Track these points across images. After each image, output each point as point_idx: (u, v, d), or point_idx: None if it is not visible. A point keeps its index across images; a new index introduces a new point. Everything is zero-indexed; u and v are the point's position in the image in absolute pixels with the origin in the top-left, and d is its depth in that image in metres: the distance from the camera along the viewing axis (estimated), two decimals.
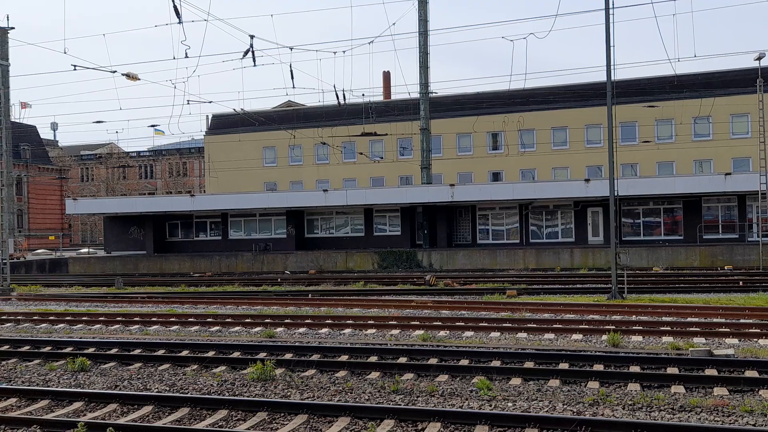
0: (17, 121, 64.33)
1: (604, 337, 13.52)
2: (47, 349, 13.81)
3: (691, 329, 14.28)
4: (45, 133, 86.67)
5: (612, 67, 21.42)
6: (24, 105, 56.43)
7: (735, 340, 13.15)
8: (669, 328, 14.46)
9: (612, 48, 21.32)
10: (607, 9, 21.29)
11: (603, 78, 23.04)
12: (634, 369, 10.69)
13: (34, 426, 8.40)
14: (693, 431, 7.45)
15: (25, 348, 13.90)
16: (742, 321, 15.46)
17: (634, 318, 16.30)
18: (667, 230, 39.34)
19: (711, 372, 10.41)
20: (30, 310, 21.06)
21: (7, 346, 14.07)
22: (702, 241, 37.10)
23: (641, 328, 14.68)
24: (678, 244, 37.14)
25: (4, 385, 10.62)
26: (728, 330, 14.06)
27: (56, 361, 12.56)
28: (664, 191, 37.61)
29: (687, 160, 46.83)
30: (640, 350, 12.30)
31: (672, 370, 10.53)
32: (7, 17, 29.11)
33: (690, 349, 11.93)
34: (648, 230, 39.59)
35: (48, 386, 10.78)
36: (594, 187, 36.83)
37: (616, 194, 21.66)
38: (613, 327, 14.42)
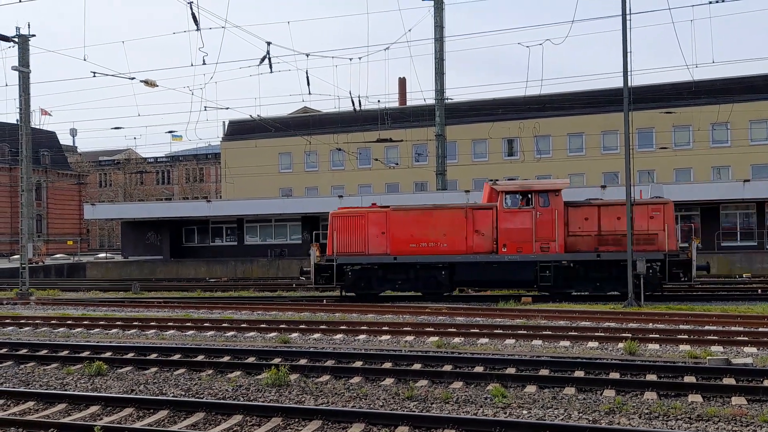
0: (37, 127, 65.14)
1: (621, 344, 13.42)
2: (65, 353, 13.94)
3: (708, 338, 14.14)
4: (64, 139, 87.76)
5: (629, 72, 21.33)
6: (44, 112, 57.08)
7: (753, 349, 13.00)
8: (686, 337, 14.32)
9: (629, 54, 21.23)
10: (624, 15, 21.21)
11: (619, 84, 22.94)
12: (651, 377, 10.59)
13: (52, 429, 8.48)
14: None
15: (43, 352, 14.04)
16: (760, 330, 15.28)
17: (650, 326, 16.17)
18: (684, 238, 38.99)
19: (729, 381, 10.29)
20: (48, 314, 21.27)
21: (26, 350, 14.23)
22: (720, 249, 36.73)
23: (658, 336, 14.55)
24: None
25: (22, 389, 10.74)
26: (746, 339, 13.90)
27: (73, 365, 12.67)
28: (682, 198, 37.32)
29: (705, 166, 46.46)
30: (657, 358, 12.19)
31: (689, 379, 10.43)
32: (28, 25, 29.51)
33: (708, 357, 11.81)
34: None
35: (65, 390, 10.88)
36: (610, 194, 36.59)
37: (632, 201, 21.52)
38: (630, 335, 14.31)
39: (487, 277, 23.19)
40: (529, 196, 22.80)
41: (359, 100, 33.08)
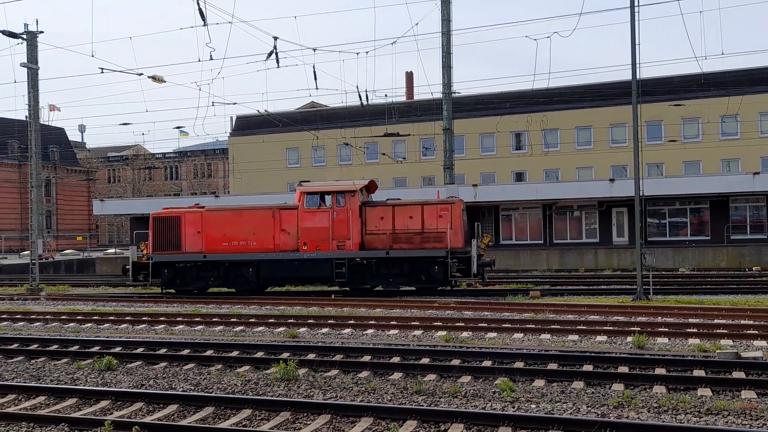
0: (46, 123, 65.43)
1: (629, 338, 13.39)
2: (75, 348, 14.03)
3: (718, 331, 14.09)
4: (73, 135, 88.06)
5: (637, 65, 21.21)
6: (53, 108, 57.29)
7: (763, 342, 12.94)
8: (695, 330, 14.27)
9: (637, 46, 21.11)
10: (632, 7, 21.08)
11: (628, 76, 22.84)
12: (660, 371, 10.56)
13: (63, 424, 8.54)
14: None
15: (54, 347, 14.14)
16: None
17: (659, 319, 16.11)
18: (693, 231, 38.81)
19: (738, 374, 10.25)
20: (58, 309, 21.40)
21: (36, 345, 14.32)
22: (729, 242, 36.53)
23: (667, 329, 14.51)
24: (705, 244, 36.62)
25: (33, 383, 10.82)
26: (756, 332, 13.83)
27: (84, 359, 12.75)
28: (691, 191, 37.12)
29: (714, 159, 46.17)
30: (666, 352, 12.16)
31: (698, 373, 10.39)
32: (36, 21, 29.63)
33: (717, 351, 11.76)
34: (674, 231, 39.10)
35: (76, 385, 10.95)
36: (619, 187, 36.47)
37: (641, 194, 21.44)
38: (639, 328, 14.26)
39: (290, 273, 24.27)
40: (327, 197, 23.86)
41: (366, 95, 33.05)
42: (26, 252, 49.82)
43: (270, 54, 25.80)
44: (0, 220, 69.49)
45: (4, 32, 27.19)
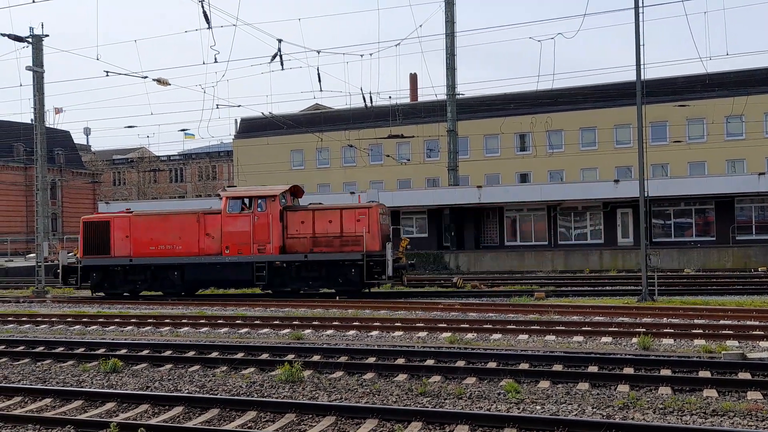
0: (52, 126, 65.58)
1: (635, 339, 13.36)
2: (81, 350, 14.07)
3: (723, 332, 14.05)
4: (78, 138, 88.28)
5: (642, 66, 21.17)
6: (57, 111, 57.46)
7: None
8: (701, 331, 14.23)
9: (641, 47, 21.07)
10: (636, 8, 21.05)
11: (632, 77, 22.79)
12: (665, 372, 10.54)
13: (69, 426, 8.57)
14: None
15: (60, 349, 14.18)
16: None
17: (665, 320, 16.07)
18: (698, 231, 38.71)
19: (744, 375, 10.22)
20: (64, 311, 21.47)
21: (42, 347, 14.37)
22: (735, 243, 36.41)
23: (672, 330, 14.48)
24: (710, 245, 36.51)
25: (39, 386, 10.86)
26: (762, 333, 13.79)
27: (89, 362, 12.78)
28: (696, 192, 37.01)
29: (719, 159, 46.03)
30: (671, 353, 12.13)
31: (704, 374, 10.37)
32: (42, 25, 29.76)
33: (723, 352, 11.73)
34: (679, 231, 38.99)
35: (81, 387, 10.98)
36: (623, 188, 36.37)
37: (646, 195, 21.39)
38: (644, 330, 14.24)
39: (213, 276, 24.65)
40: (248, 201, 24.22)
41: (370, 97, 33.26)
42: (32, 255, 49.97)
43: (274, 56, 25.87)
44: (6, 223, 69.73)
45: (9, 36, 27.30)
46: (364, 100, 33.17)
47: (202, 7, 22.04)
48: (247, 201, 24.26)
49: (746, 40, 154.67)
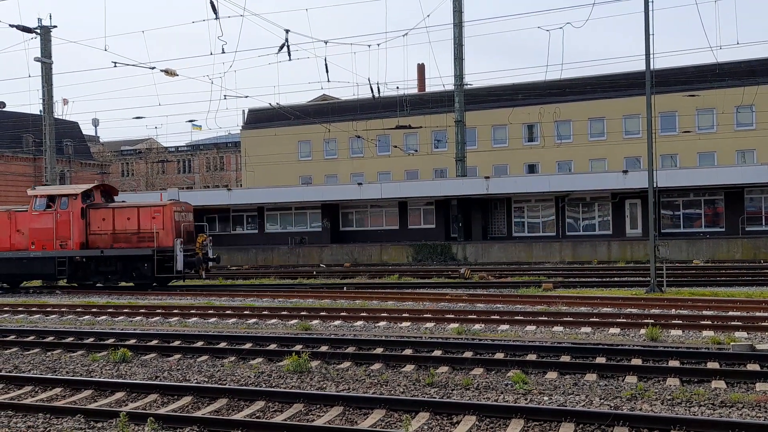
0: (60, 117, 65.79)
1: (643, 331, 13.33)
2: (90, 340, 14.16)
3: (732, 323, 13.99)
4: (86, 129, 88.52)
5: (651, 55, 21.04)
6: (65, 101, 57.64)
7: None
8: (709, 322, 14.18)
9: (651, 36, 20.92)
10: None
11: (641, 67, 22.65)
12: (673, 363, 10.52)
13: (79, 415, 8.64)
14: (734, 427, 7.32)
15: (69, 339, 14.28)
16: None
17: (673, 312, 16.03)
18: (707, 222, 38.51)
19: (753, 367, 10.18)
20: (73, 302, 21.61)
21: (52, 338, 14.48)
22: (744, 234, 36.21)
23: (681, 322, 14.44)
24: (719, 236, 36.33)
25: (49, 375, 10.94)
26: None
27: (99, 352, 12.87)
28: (705, 182, 36.79)
29: (729, 150, 45.73)
30: (680, 344, 12.10)
31: (712, 365, 10.34)
32: (50, 16, 29.84)
33: (731, 343, 11.69)
34: (688, 222, 38.81)
35: (91, 376, 11.06)
36: (632, 179, 36.21)
37: (655, 186, 21.30)
38: (652, 321, 14.21)
39: (22, 270, 26.43)
40: (52, 200, 25.69)
41: (378, 87, 33.09)
42: None
43: (282, 47, 25.84)
44: None
45: (18, 27, 27.37)
46: (372, 91, 33.11)
47: None
48: (51, 199, 25.66)
49: (757, 29, 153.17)
